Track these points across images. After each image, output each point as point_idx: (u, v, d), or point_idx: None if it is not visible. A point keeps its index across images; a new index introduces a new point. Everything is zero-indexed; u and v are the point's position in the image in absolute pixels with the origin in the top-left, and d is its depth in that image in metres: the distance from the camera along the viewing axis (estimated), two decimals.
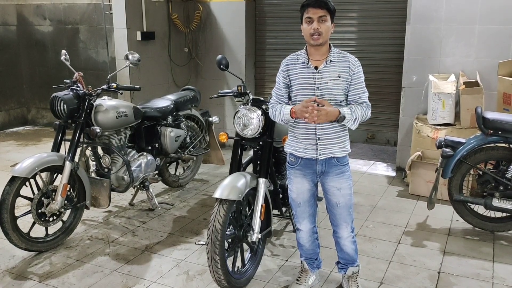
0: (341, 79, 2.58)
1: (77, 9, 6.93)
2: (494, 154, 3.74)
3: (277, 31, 6.37)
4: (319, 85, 2.58)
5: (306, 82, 2.60)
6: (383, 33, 5.76)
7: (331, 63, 2.59)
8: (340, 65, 2.59)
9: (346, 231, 2.81)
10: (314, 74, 2.59)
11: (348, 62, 2.61)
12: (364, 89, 2.65)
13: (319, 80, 2.58)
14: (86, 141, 3.79)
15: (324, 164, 2.67)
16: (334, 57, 2.60)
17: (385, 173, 5.38)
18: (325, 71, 2.58)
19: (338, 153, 2.66)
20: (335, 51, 2.63)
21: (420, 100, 5.05)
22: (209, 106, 5.84)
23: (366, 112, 2.64)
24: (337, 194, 2.72)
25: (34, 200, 3.38)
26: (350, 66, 2.60)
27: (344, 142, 2.69)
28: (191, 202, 4.55)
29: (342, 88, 2.60)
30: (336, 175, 2.69)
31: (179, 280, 3.14)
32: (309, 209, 2.83)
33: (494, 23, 4.62)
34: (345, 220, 2.78)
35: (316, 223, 2.94)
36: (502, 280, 3.14)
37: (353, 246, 2.86)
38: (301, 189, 2.78)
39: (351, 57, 2.64)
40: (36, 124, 7.83)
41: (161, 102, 4.45)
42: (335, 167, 2.68)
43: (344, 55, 2.64)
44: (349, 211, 2.77)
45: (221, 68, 3.26)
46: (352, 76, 2.60)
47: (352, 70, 2.60)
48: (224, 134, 3.30)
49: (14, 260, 3.39)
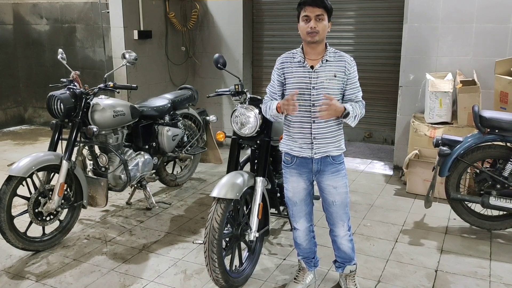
0: (337, 79, 2.59)
1: (73, 8, 6.91)
2: (491, 153, 3.74)
3: (274, 29, 6.37)
4: (315, 85, 2.58)
5: (302, 81, 2.60)
6: (381, 32, 5.77)
7: (327, 62, 2.59)
8: (336, 65, 2.60)
9: (342, 229, 2.81)
10: (310, 74, 2.59)
11: (344, 62, 2.61)
12: (359, 88, 2.68)
13: (315, 80, 2.58)
14: (83, 140, 3.77)
15: (320, 162, 2.68)
16: (330, 57, 2.60)
17: (383, 172, 5.39)
18: (321, 71, 2.58)
19: (334, 151, 2.67)
20: (331, 51, 2.63)
21: (417, 99, 5.05)
22: (207, 105, 5.84)
23: (362, 110, 2.67)
24: (333, 192, 2.72)
25: (31, 199, 3.37)
26: (346, 66, 2.60)
27: (340, 141, 2.70)
28: (188, 201, 4.55)
29: (338, 88, 2.61)
30: (331, 174, 2.70)
31: (177, 279, 3.14)
32: (305, 208, 2.83)
33: (491, 22, 4.63)
34: (341, 219, 2.78)
35: (313, 222, 2.94)
36: (499, 278, 3.15)
37: (350, 244, 2.86)
38: (297, 188, 2.78)
39: (347, 57, 2.65)
40: (33, 123, 7.80)
41: (158, 101, 4.44)
42: (331, 166, 2.69)
43: (340, 54, 2.64)
44: (345, 209, 2.77)
45: (219, 67, 3.25)
46: (348, 75, 2.61)
47: (348, 70, 2.61)
48: (222, 133, 3.30)
49: (11, 260, 3.38)
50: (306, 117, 2.61)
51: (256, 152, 3.17)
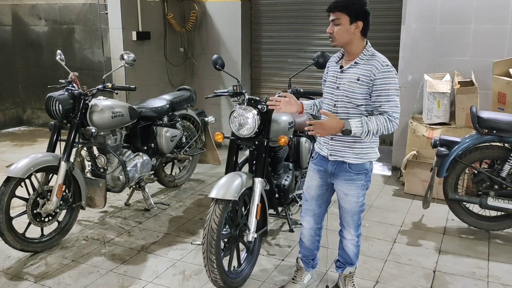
0: (359, 83, 2.44)
1: (72, 9, 6.91)
2: (489, 153, 3.75)
3: (272, 30, 6.36)
4: (339, 85, 2.54)
5: (331, 80, 2.61)
6: (379, 32, 5.74)
7: (356, 64, 2.49)
8: (363, 68, 2.45)
9: (349, 234, 2.79)
10: (338, 74, 2.57)
11: (372, 66, 2.42)
12: (388, 98, 2.42)
13: (340, 80, 2.54)
14: (81, 141, 3.77)
15: (335, 166, 2.64)
16: (362, 59, 2.47)
17: (381, 173, 5.39)
18: (347, 72, 2.52)
19: (351, 159, 2.58)
20: (367, 53, 2.48)
21: (415, 100, 5.06)
22: (205, 106, 5.84)
23: (386, 125, 2.42)
24: (343, 198, 2.69)
25: (29, 200, 3.37)
26: (373, 70, 2.42)
27: (362, 149, 2.56)
28: (187, 202, 4.55)
29: (361, 92, 2.45)
30: (344, 181, 2.64)
31: (175, 280, 3.14)
32: (315, 208, 2.81)
33: (489, 23, 4.64)
34: (348, 225, 2.76)
35: (322, 225, 2.90)
36: (497, 279, 3.16)
37: (355, 250, 2.84)
38: (310, 183, 2.78)
39: (379, 61, 2.44)
40: (31, 124, 7.80)
41: (156, 102, 4.44)
42: (345, 173, 2.61)
43: (374, 57, 2.46)
44: (353, 217, 2.73)
45: (217, 68, 3.26)
46: (374, 81, 2.41)
47: (375, 75, 2.41)
48: (220, 134, 3.30)
49: (9, 261, 3.38)
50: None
51: (254, 153, 3.17)
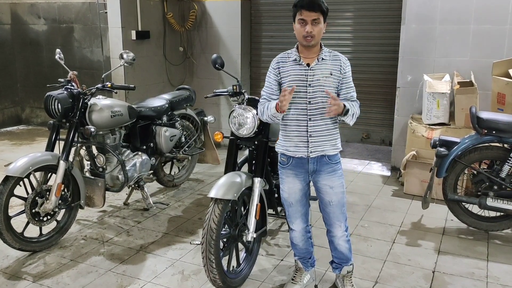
0: (333, 77, 2.61)
1: (71, 8, 6.90)
2: (488, 154, 3.75)
3: (272, 30, 6.37)
4: (311, 82, 2.59)
5: (298, 79, 2.61)
6: (378, 33, 5.77)
7: (322, 60, 2.61)
8: (332, 63, 2.62)
9: (340, 230, 2.81)
10: (306, 71, 2.59)
11: (340, 61, 2.64)
12: (354, 88, 2.71)
13: (311, 77, 2.59)
14: (80, 140, 3.77)
15: (316, 162, 2.68)
16: (325, 56, 2.63)
17: (380, 173, 5.39)
18: (317, 68, 2.60)
19: (330, 151, 2.67)
20: (325, 50, 2.66)
21: (415, 100, 5.06)
22: (204, 106, 5.83)
23: (358, 110, 2.69)
24: (330, 192, 2.72)
25: (28, 199, 3.36)
26: (342, 65, 2.63)
27: (336, 140, 2.70)
28: (186, 201, 4.54)
29: (334, 86, 2.62)
30: (327, 174, 2.70)
31: (174, 279, 3.14)
32: (301, 208, 2.83)
33: (489, 23, 4.64)
34: (338, 219, 2.78)
35: (309, 222, 2.94)
36: (496, 279, 3.16)
37: (347, 245, 2.86)
38: (293, 189, 2.78)
39: (342, 56, 2.68)
40: (30, 123, 7.79)
41: (156, 101, 4.44)
42: (327, 166, 2.69)
43: (335, 54, 2.67)
44: (342, 209, 2.77)
45: (216, 68, 3.25)
46: (344, 74, 2.64)
47: (344, 69, 2.64)
48: (219, 134, 3.30)
49: (8, 260, 3.37)
50: (302, 115, 2.62)
51: (254, 152, 3.17)
